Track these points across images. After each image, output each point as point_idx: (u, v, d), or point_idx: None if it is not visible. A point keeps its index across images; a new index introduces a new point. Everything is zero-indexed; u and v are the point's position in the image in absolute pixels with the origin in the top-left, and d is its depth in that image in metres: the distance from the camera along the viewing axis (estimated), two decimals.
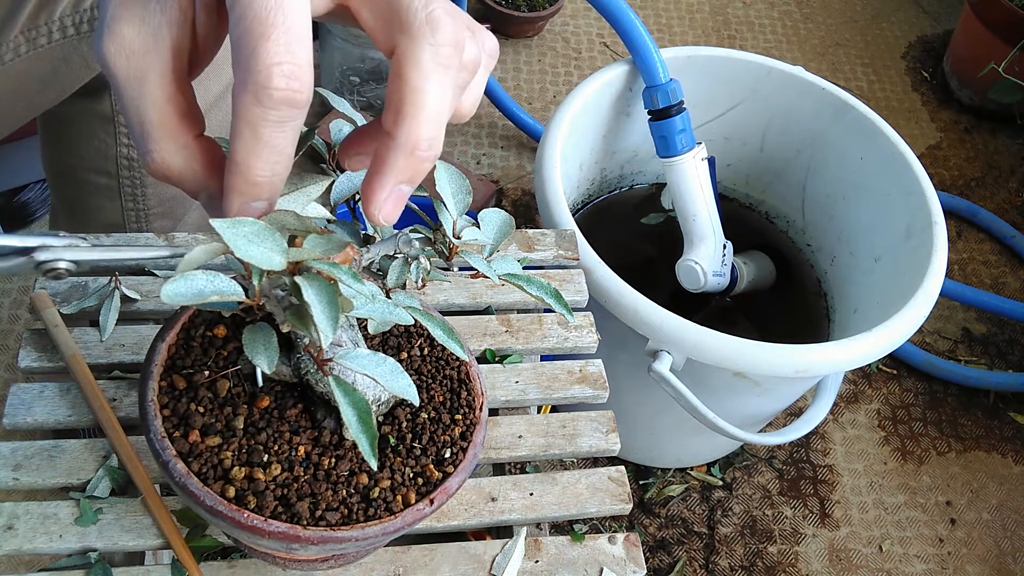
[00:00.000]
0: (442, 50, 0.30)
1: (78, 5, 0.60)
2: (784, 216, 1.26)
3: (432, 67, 0.30)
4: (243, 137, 0.29)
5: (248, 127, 0.29)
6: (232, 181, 0.30)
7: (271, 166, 0.30)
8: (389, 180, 0.32)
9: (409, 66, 0.30)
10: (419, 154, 0.31)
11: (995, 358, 1.40)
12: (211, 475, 0.41)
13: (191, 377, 0.43)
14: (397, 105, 0.31)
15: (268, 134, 0.29)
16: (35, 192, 1.24)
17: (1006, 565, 1.18)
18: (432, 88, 0.31)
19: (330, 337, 0.34)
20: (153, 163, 0.31)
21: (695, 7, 1.90)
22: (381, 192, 0.32)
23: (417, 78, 0.30)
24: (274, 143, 0.29)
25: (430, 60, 0.30)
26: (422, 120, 0.31)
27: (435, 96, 0.31)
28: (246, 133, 0.29)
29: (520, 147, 1.54)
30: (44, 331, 0.59)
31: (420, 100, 0.31)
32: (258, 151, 0.29)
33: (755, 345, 0.83)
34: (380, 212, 0.33)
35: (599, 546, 0.57)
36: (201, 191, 0.33)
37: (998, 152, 1.72)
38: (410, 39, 0.30)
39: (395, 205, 0.33)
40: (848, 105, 1.09)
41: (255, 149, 0.29)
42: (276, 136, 0.29)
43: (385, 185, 0.32)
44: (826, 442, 1.27)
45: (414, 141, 0.31)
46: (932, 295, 0.90)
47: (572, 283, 0.71)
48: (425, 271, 0.43)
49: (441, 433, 0.46)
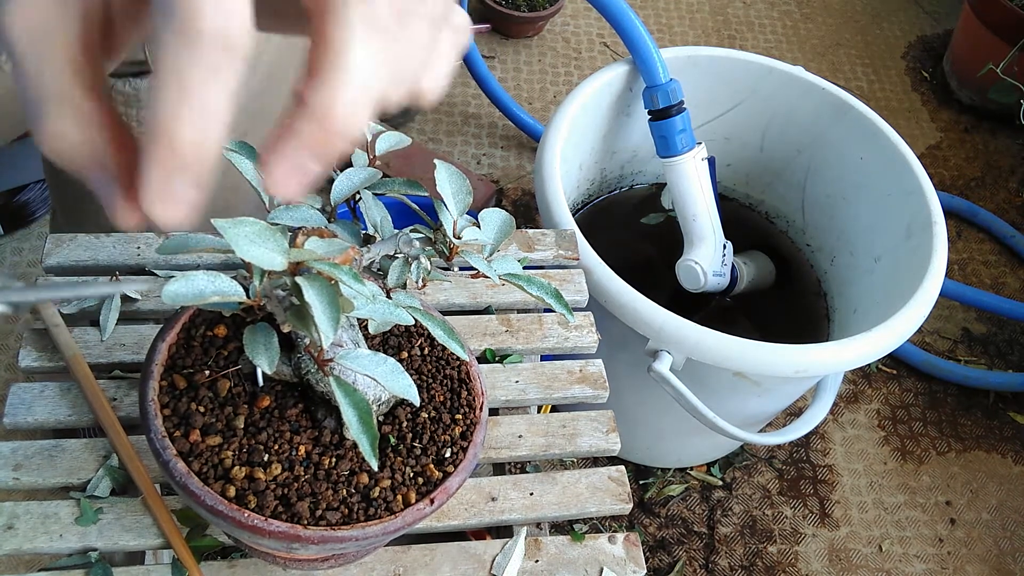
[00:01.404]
0: (377, 8, 0.26)
1: None
2: (784, 216, 1.26)
3: (361, 27, 0.26)
4: (165, 90, 0.24)
5: (172, 76, 0.24)
6: (151, 151, 0.25)
7: (200, 130, 0.24)
8: (289, 148, 0.26)
9: (333, 22, 0.26)
10: (331, 125, 0.26)
11: (995, 358, 1.41)
12: (211, 475, 0.41)
13: (191, 377, 0.43)
14: (314, 66, 0.26)
15: (198, 85, 0.24)
16: (35, 192, 1.24)
17: (1006, 565, 1.18)
18: (359, 51, 0.26)
19: (331, 338, 0.34)
20: (45, 132, 0.26)
21: (695, 7, 1.90)
22: (281, 161, 0.27)
23: (342, 35, 0.26)
24: (204, 98, 0.24)
25: (360, 18, 0.26)
26: (340, 84, 0.26)
27: (362, 61, 0.26)
28: (170, 84, 0.24)
29: (520, 147, 1.54)
30: (44, 331, 0.59)
31: (342, 61, 0.26)
32: (183, 108, 0.24)
33: (755, 345, 0.83)
34: (276, 185, 0.27)
35: (599, 546, 0.57)
36: (99, 168, 0.27)
37: (998, 152, 1.72)
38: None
39: (298, 182, 0.27)
40: (848, 105, 1.09)
41: (180, 109, 0.24)
42: (208, 89, 0.24)
43: (285, 154, 0.26)
44: (826, 442, 1.27)
45: (326, 108, 0.26)
46: (932, 295, 0.90)
47: (572, 283, 0.71)
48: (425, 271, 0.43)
49: (441, 433, 0.46)
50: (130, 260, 0.64)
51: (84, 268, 0.63)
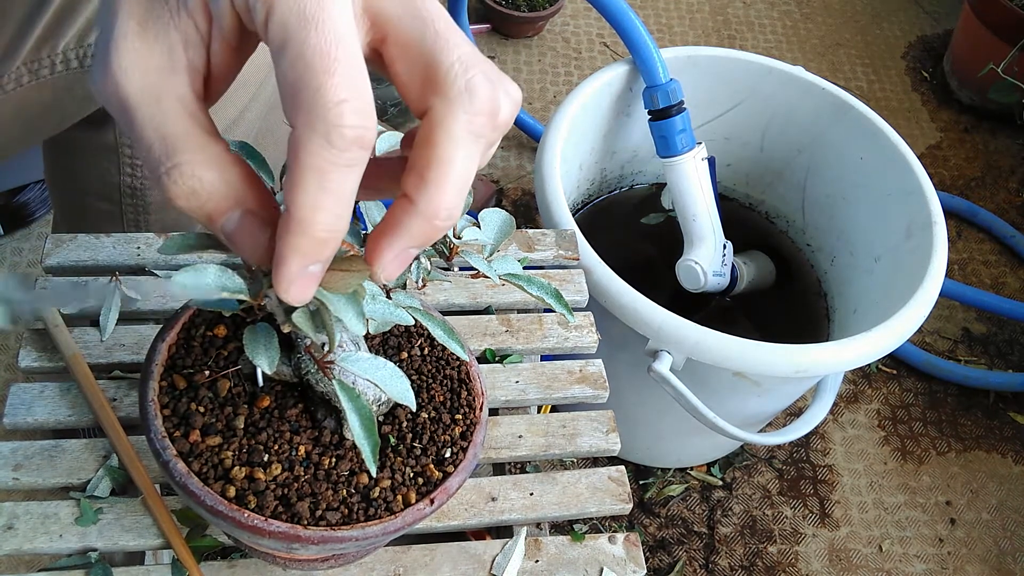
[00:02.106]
0: (477, 119, 0.29)
1: (82, 39, 0.60)
2: (784, 216, 1.26)
3: (464, 137, 0.28)
4: (307, 186, 0.26)
5: (314, 174, 0.26)
6: (292, 242, 0.27)
7: (336, 218, 0.27)
8: (400, 243, 0.30)
9: (441, 134, 0.28)
10: (437, 223, 0.29)
11: (995, 358, 1.41)
12: (211, 475, 0.41)
13: (191, 377, 0.43)
14: (422, 171, 0.29)
15: (337, 180, 0.26)
16: (35, 192, 1.24)
17: (1006, 565, 1.18)
18: (461, 158, 0.29)
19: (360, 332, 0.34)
20: (182, 177, 0.28)
21: (695, 7, 1.90)
22: (389, 252, 0.30)
23: (448, 147, 0.28)
24: (341, 190, 0.27)
25: (463, 130, 0.28)
26: (446, 190, 0.29)
27: (462, 166, 0.29)
28: (311, 182, 0.26)
29: (520, 147, 1.54)
30: (44, 331, 0.59)
31: (448, 169, 0.29)
32: (325, 201, 0.26)
33: (755, 345, 0.83)
34: (383, 271, 0.31)
35: (599, 546, 0.57)
36: (235, 208, 0.29)
37: (998, 152, 1.72)
38: (446, 105, 0.28)
39: (400, 266, 0.31)
40: (848, 105, 1.09)
41: (321, 199, 0.26)
42: (345, 183, 0.27)
43: (396, 247, 0.30)
44: (826, 442, 1.27)
45: (434, 210, 0.29)
46: (932, 295, 0.90)
47: (572, 283, 0.71)
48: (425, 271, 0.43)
49: (441, 433, 0.46)
50: (130, 260, 0.64)
51: (84, 268, 0.63)
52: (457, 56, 0.29)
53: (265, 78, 0.73)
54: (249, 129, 0.75)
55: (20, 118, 0.62)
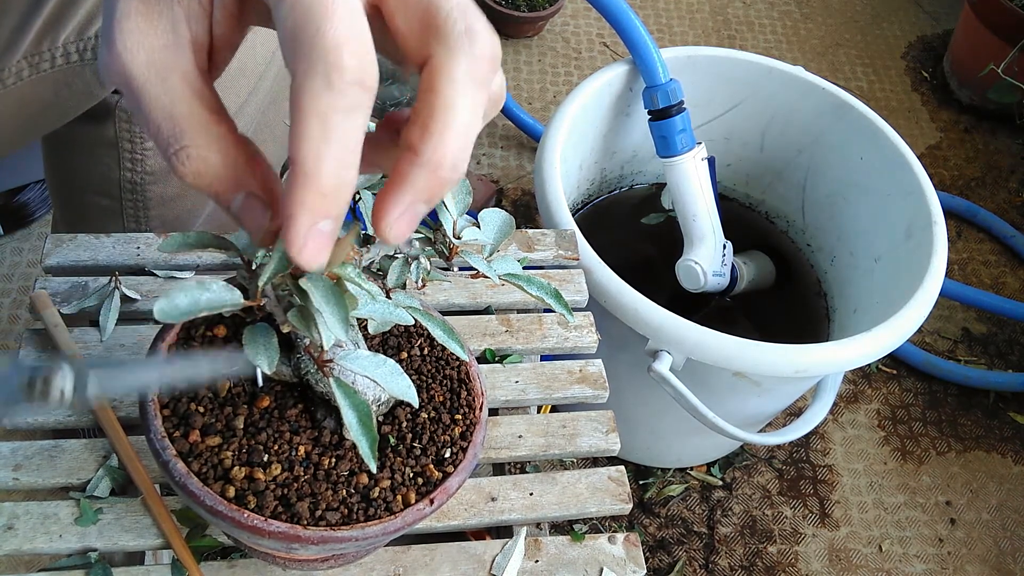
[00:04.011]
0: (479, 64, 0.28)
1: (83, 32, 0.60)
2: (784, 216, 1.26)
3: (467, 82, 0.28)
4: (310, 134, 0.26)
5: (317, 120, 0.26)
6: (298, 195, 0.27)
7: (342, 167, 0.27)
8: (406, 197, 0.29)
9: (444, 78, 0.28)
10: (443, 174, 0.29)
11: (995, 358, 1.41)
12: (211, 475, 0.41)
13: None
14: (425, 120, 0.28)
15: (340, 125, 0.26)
16: (35, 192, 1.24)
17: (1006, 565, 1.18)
18: (465, 104, 0.28)
19: (342, 337, 0.34)
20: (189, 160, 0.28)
21: (695, 7, 1.90)
22: (396, 209, 0.29)
23: (451, 92, 0.28)
24: (347, 137, 0.26)
25: (466, 74, 0.28)
26: (451, 137, 0.28)
27: (467, 113, 0.28)
28: (314, 128, 0.26)
29: (520, 147, 1.54)
30: (44, 331, 0.59)
31: (451, 116, 0.28)
32: (329, 149, 0.26)
33: (755, 345, 0.83)
34: (391, 229, 0.30)
35: (599, 546, 0.57)
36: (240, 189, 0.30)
37: (998, 152, 1.72)
38: (447, 50, 0.28)
39: (409, 224, 0.30)
40: (848, 105, 1.09)
41: (325, 146, 0.26)
42: (349, 127, 0.26)
43: (401, 202, 0.29)
44: (826, 442, 1.27)
45: (439, 159, 0.28)
46: (932, 295, 0.90)
47: (572, 283, 0.71)
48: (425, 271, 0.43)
49: (441, 433, 0.46)
50: (130, 260, 0.64)
51: (84, 268, 0.63)
52: (455, 2, 0.28)
53: (264, 70, 0.73)
54: (247, 124, 0.75)
55: (20, 113, 0.62)
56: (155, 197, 0.75)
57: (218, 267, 0.65)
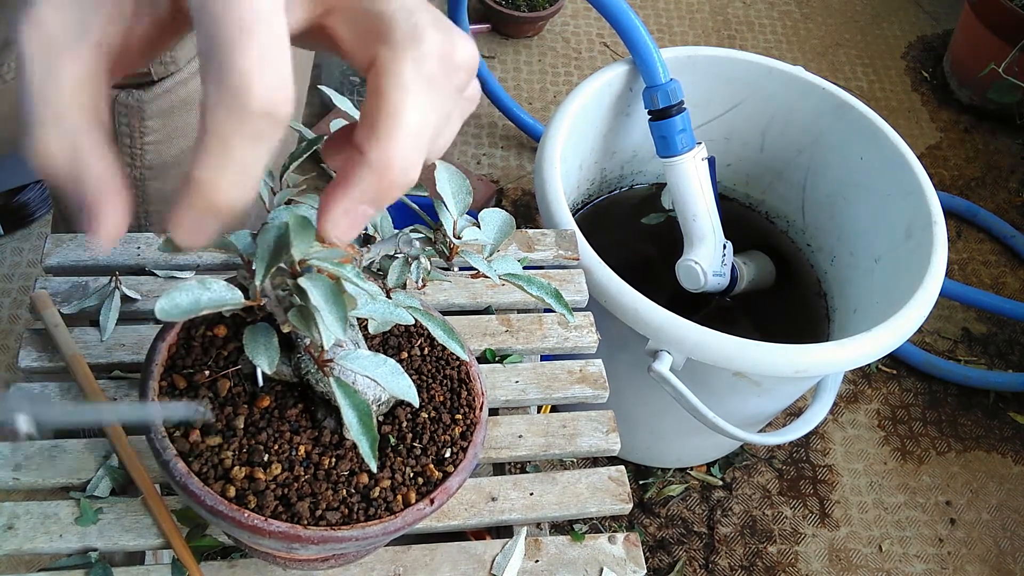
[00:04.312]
0: (427, 64, 0.27)
1: None
2: (784, 216, 1.26)
3: (414, 82, 0.27)
4: (208, 151, 0.25)
5: (217, 141, 0.25)
6: (188, 197, 0.26)
7: (238, 189, 0.26)
8: (351, 198, 0.28)
9: (388, 79, 0.27)
10: (391, 176, 0.28)
11: (995, 358, 1.41)
12: (211, 475, 0.41)
13: (191, 377, 0.43)
14: (371, 121, 0.27)
15: (240, 151, 0.25)
16: (35, 192, 1.24)
17: (1006, 565, 1.18)
18: (412, 105, 0.27)
19: (340, 336, 0.34)
20: (34, 145, 0.27)
21: (695, 7, 1.90)
22: (336, 207, 0.29)
23: (397, 94, 0.27)
24: (244, 162, 0.26)
25: (412, 73, 0.27)
26: (397, 141, 0.27)
27: (415, 115, 0.27)
28: (213, 147, 0.25)
29: (520, 147, 1.54)
30: (44, 331, 0.59)
31: (398, 118, 0.27)
32: (225, 169, 0.25)
33: (755, 345, 0.83)
34: (333, 228, 0.29)
35: (599, 546, 0.57)
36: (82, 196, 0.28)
37: (998, 152, 1.72)
38: (391, 50, 0.27)
39: (351, 225, 0.29)
40: (848, 105, 1.09)
41: (221, 167, 0.25)
42: (249, 155, 0.25)
43: (342, 201, 0.29)
44: (826, 442, 1.27)
45: (385, 162, 0.27)
46: (932, 295, 0.90)
47: (572, 283, 0.71)
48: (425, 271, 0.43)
49: (441, 433, 0.46)
50: (130, 260, 0.64)
51: (84, 268, 0.63)
52: (399, 4, 0.28)
53: None
54: None
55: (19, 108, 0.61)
56: (155, 193, 0.75)
57: (218, 267, 0.65)
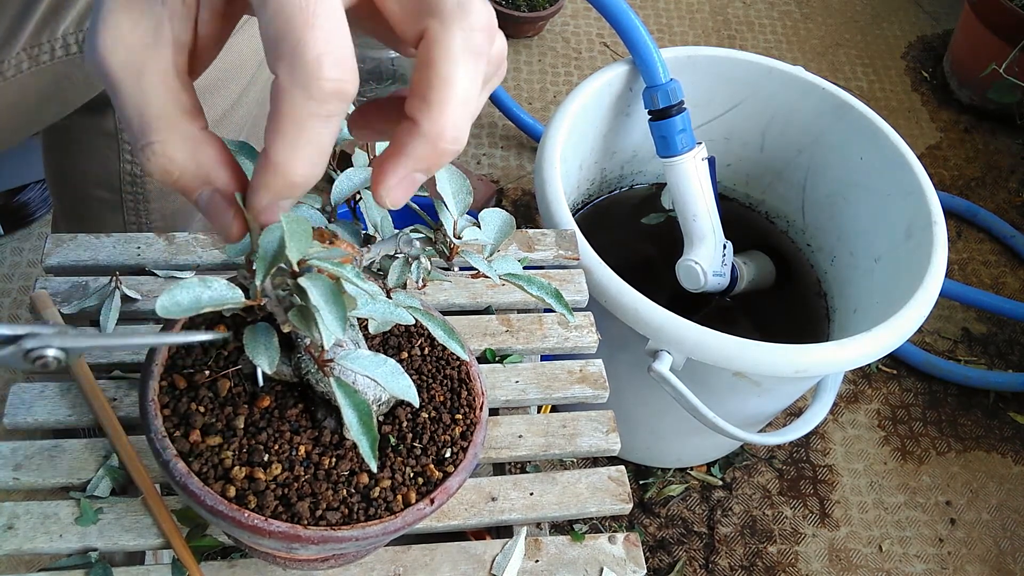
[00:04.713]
0: (475, 35, 0.29)
1: (81, 24, 0.60)
2: (784, 216, 1.26)
3: (463, 53, 0.28)
4: (285, 135, 0.27)
5: (293, 124, 0.27)
6: (265, 179, 0.28)
7: (312, 166, 0.28)
8: (405, 166, 0.30)
9: (439, 51, 0.28)
10: (443, 146, 0.29)
11: (995, 358, 1.41)
12: (212, 475, 0.41)
13: (191, 377, 0.43)
14: (424, 92, 0.29)
15: (315, 130, 0.27)
16: (35, 192, 1.24)
17: (1006, 565, 1.18)
18: (462, 76, 0.29)
19: (340, 336, 0.34)
20: (155, 156, 0.29)
21: (695, 7, 1.90)
22: (393, 176, 0.30)
23: (447, 64, 0.28)
24: (319, 140, 0.28)
25: (461, 46, 0.28)
26: (450, 110, 0.29)
27: (465, 84, 0.29)
28: (290, 130, 0.27)
29: (520, 147, 1.54)
30: None
31: (450, 88, 0.29)
32: (301, 150, 0.28)
33: (755, 345, 0.83)
34: (388, 195, 0.31)
35: (599, 546, 0.57)
36: (205, 186, 0.31)
37: (998, 152, 1.72)
38: (441, 22, 0.28)
39: (405, 191, 0.31)
40: (848, 105, 1.09)
41: (297, 147, 0.28)
42: (323, 133, 0.27)
43: (399, 170, 0.30)
44: (826, 442, 1.27)
45: (439, 131, 0.29)
46: (932, 295, 0.90)
47: (572, 283, 0.71)
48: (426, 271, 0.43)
49: (441, 433, 0.46)
50: (130, 260, 0.64)
51: (84, 268, 0.63)
52: None
53: (257, 71, 0.73)
54: (243, 121, 0.74)
55: (20, 105, 0.62)
56: (155, 190, 0.75)
57: (219, 267, 0.65)
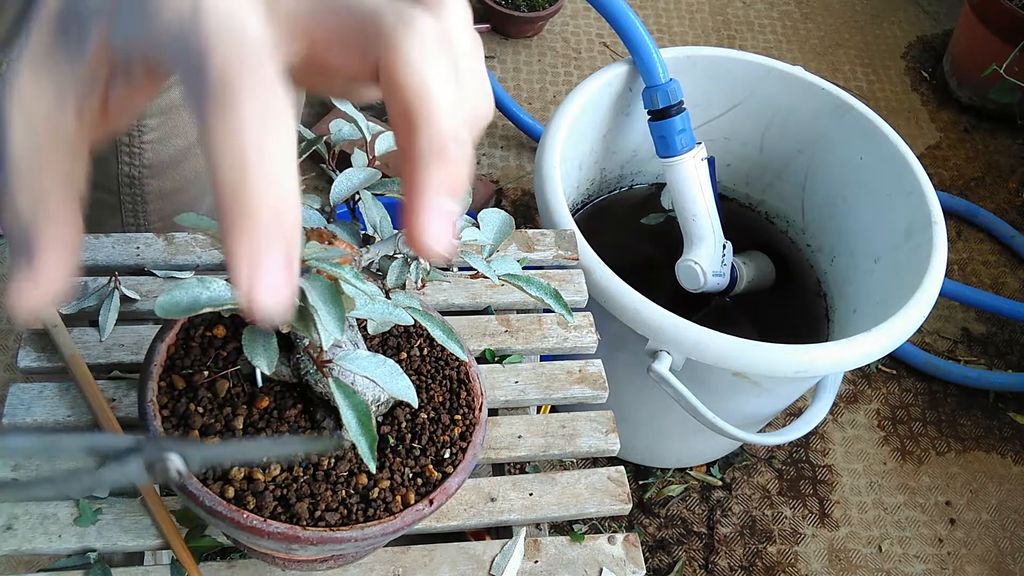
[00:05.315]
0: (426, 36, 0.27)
1: None
2: (784, 216, 1.25)
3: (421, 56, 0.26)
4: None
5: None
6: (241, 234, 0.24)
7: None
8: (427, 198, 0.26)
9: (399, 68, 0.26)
10: (450, 155, 0.27)
11: (995, 358, 1.40)
12: (210, 475, 0.41)
13: (190, 377, 0.43)
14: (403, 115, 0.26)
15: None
16: None
17: (1005, 565, 1.18)
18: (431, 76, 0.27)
19: (338, 337, 0.34)
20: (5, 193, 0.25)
21: (695, 7, 1.90)
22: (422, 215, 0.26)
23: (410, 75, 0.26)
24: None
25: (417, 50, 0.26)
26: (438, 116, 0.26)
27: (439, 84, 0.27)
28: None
29: (520, 147, 1.54)
30: (44, 331, 0.59)
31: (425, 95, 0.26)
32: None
33: (755, 345, 0.83)
34: (431, 239, 0.27)
35: (599, 546, 0.57)
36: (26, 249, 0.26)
37: (998, 152, 1.72)
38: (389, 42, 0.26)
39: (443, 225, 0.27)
40: (848, 105, 1.09)
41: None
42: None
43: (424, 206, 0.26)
44: (826, 442, 1.27)
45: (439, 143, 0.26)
46: (932, 295, 0.90)
47: (572, 283, 0.71)
48: (425, 271, 0.43)
49: (441, 433, 0.46)
50: (129, 260, 0.64)
51: (84, 268, 0.63)
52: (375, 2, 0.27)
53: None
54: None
55: None
56: (153, 191, 0.75)
57: (218, 267, 0.65)
